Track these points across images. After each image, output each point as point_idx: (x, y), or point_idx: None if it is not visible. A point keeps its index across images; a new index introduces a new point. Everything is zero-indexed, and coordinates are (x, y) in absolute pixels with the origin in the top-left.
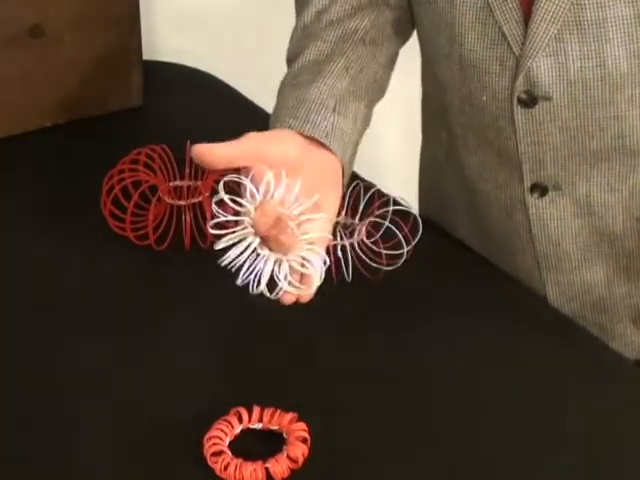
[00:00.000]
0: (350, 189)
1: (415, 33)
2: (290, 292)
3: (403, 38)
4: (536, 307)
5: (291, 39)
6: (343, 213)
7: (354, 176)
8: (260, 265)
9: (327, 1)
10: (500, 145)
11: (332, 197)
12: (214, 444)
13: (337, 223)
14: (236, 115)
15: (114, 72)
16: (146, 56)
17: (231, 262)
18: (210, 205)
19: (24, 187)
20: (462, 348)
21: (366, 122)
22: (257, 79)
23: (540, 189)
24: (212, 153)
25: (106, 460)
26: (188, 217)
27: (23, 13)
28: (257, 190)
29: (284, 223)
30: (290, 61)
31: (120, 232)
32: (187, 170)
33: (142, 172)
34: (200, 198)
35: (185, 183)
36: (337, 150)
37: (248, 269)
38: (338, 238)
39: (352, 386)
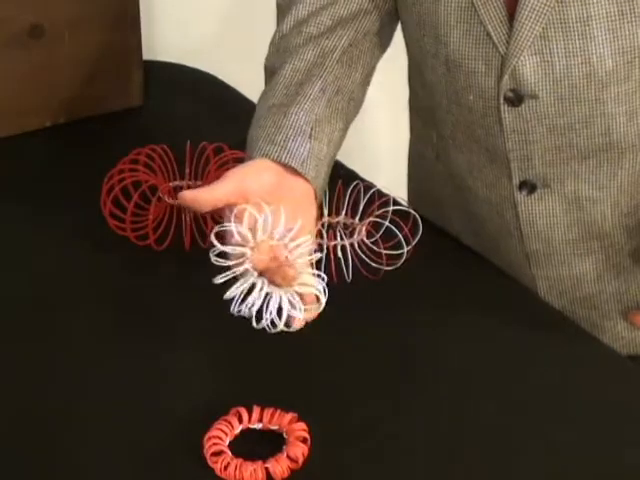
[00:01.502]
0: (350, 189)
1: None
2: (302, 318)
3: (382, 49)
4: (533, 304)
5: (270, 45)
6: (343, 213)
7: (354, 176)
8: (273, 302)
9: (307, 12)
10: (488, 143)
11: (309, 218)
12: (214, 444)
13: (337, 223)
14: (236, 115)
15: (114, 72)
16: (146, 56)
17: (237, 303)
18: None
19: (24, 187)
20: (462, 347)
21: (341, 142)
22: (257, 79)
23: (529, 186)
24: (196, 199)
25: (106, 460)
26: (188, 217)
27: (23, 13)
28: (245, 232)
29: (277, 253)
30: (267, 71)
31: (120, 232)
32: (187, 170)
33: (142, 172)
34: None
35: (185, 183)
36: (311, 177)
37: (257, 306)
38: (338, 238)
39: (352, 386)
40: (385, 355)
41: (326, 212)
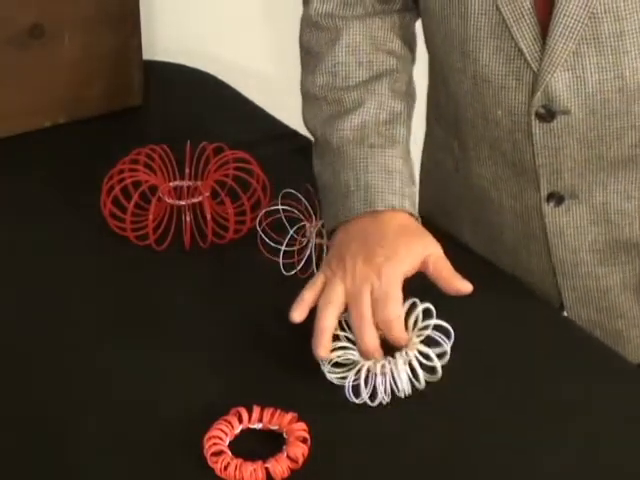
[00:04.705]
0: None
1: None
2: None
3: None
4: (538, 308)
5: (322, 62)
6: None
7: None
8: (393, 376)
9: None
10: (515, 157)
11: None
12: (214, 444)
13: None
14: (236, 115)
15: (114, 72)
16: (146, 56)
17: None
18: (210, 205)
19: (24, 187)
20: (463, 348)
21: None
22: (257, 79)
23: (556, 198)
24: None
25: (106, 460)
26: (188, 217)
27: (23, 13)
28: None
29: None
30: (329, 99)
31: (120, 232)
32: (187, 170)
33: (142, 172)
34: (200, 198)
35: (185, 183)
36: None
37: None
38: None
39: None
40: (386, 355)
41: None
